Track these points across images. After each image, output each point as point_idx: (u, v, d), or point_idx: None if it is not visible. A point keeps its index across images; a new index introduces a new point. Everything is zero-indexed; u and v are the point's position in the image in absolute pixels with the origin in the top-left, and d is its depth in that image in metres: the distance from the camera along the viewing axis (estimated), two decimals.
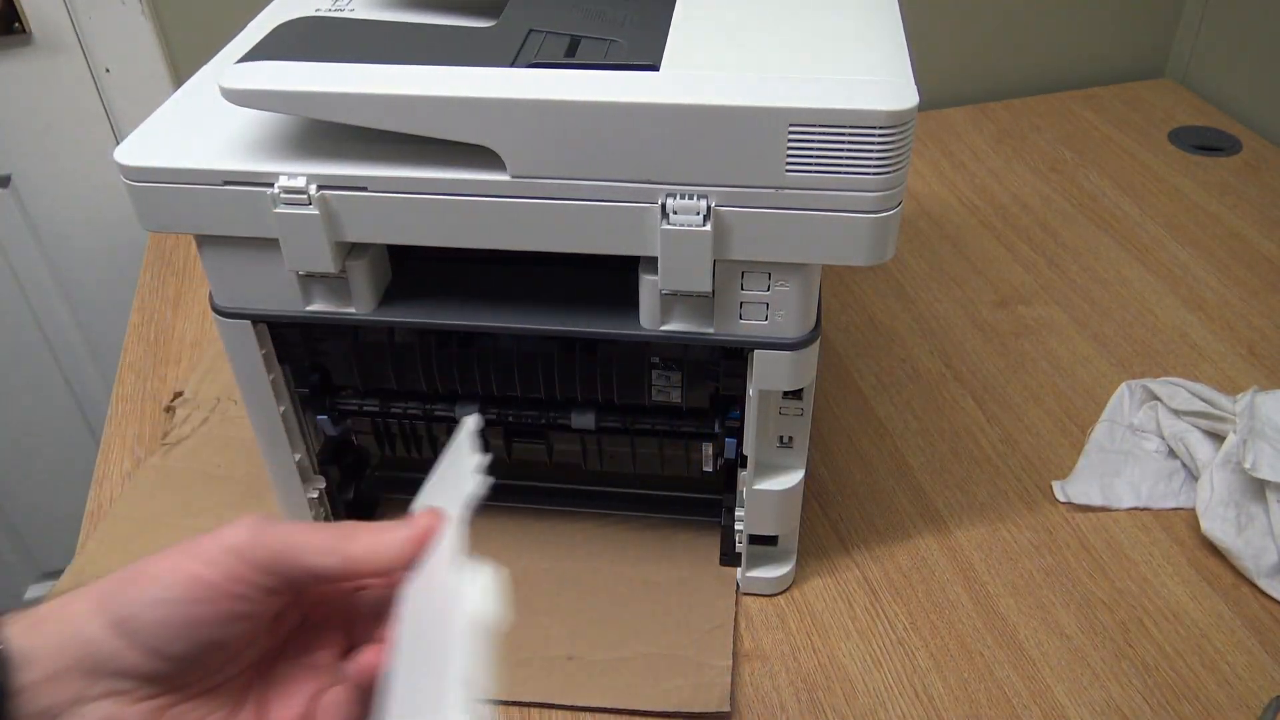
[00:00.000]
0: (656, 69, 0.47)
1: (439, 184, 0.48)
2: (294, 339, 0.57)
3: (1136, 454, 0.74)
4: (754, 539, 0.64)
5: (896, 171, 0.46)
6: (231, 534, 0.33)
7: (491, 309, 0.54)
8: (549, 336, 0.55)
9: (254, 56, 0.48)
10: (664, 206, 0.47)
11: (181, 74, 1.02)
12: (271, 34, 0.51)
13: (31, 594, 1.34)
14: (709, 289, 0.50)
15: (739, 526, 0.63)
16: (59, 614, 0.32)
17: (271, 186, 0.48)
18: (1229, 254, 0.96)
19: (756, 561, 0.65)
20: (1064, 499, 0.72)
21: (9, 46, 0.96)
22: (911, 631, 0.64)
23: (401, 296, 0.55)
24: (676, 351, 0.56)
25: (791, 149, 0.45)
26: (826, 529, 0.70)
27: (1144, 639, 0.63)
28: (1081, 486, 0.72)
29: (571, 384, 0.58)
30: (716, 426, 0.59)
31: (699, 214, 0.47)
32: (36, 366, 1.15)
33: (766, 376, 0.54)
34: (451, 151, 0.47)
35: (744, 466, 0.60)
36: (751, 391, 0.55)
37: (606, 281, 0.55)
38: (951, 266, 0.95)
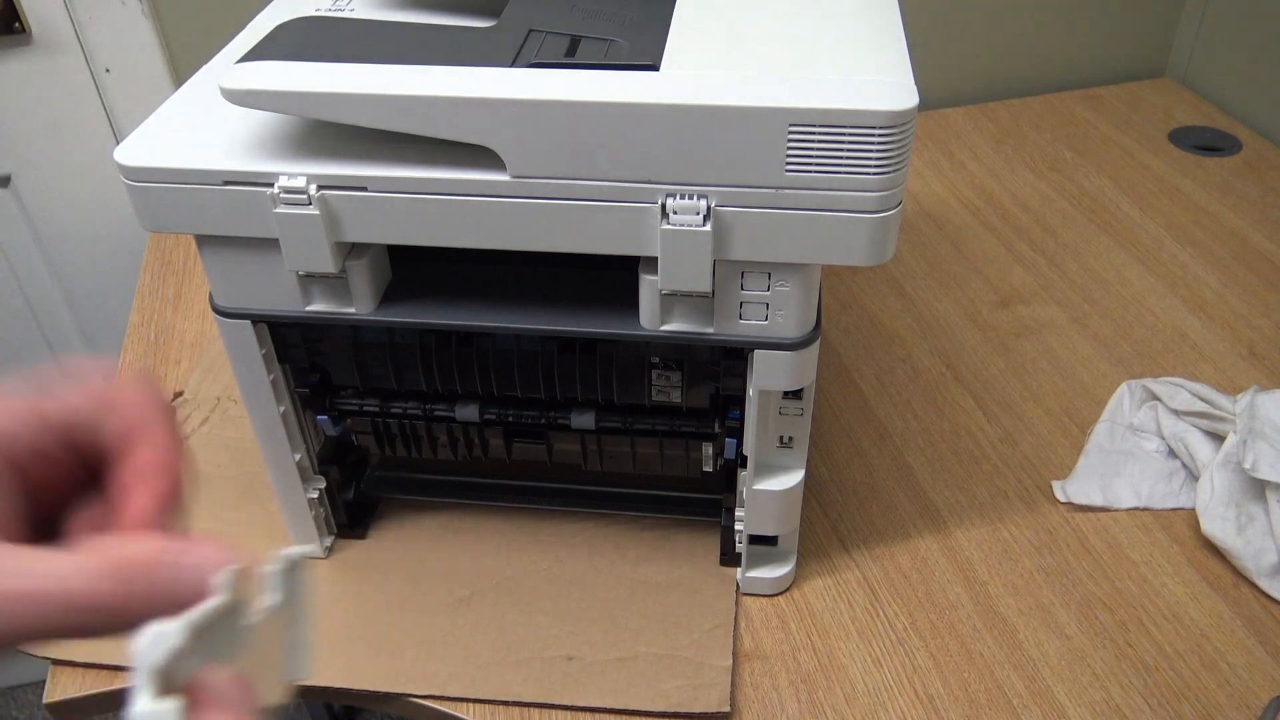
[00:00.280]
0: (656, 69, 0.47)
1: (439, 184, 0.48)
2: (294, 339, 0.57)
3: (1136, 454, 0.74)
4: (754, 539, 0.64)
5: (896, 171, 0.46)
6: None
7: (491, 309, 0.54)
8: (549, 336, 0.55)
9: (254, 56, 0.48)
10: (664, 206, 0.47)
11: (181, 74, 1.02)
12: (271, 34, 0.51)
13: None
14: (709, 289, 0.50)
15: (739, 526, 0.63)
16: None
17: (271, 186, 0.48)
18: (1229, 254, 0.96)
19: (756, 561, 0.65)
20: (1064, 499, 0.72)
21: (9, 46, 0.96)
22: (911, 631, 0.64)
23: (401, 296, 0.55)
24: (676, 351, 0.56)
25: (791, 149, 0.45)
26: (826, 529, 0.70)
27: (1144, 639, 0.63)
28: (1081, 486, 0.72)
29: (571, 384, 0.58)
30: (716, 426, 0.60)
31: (699, 214, 0.47)
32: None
33: (766, 376, 0.54)
34: (451, 151, 0.47)
35: (744, 466, 0.60)
36: (751, 391, 0.55)
37: (606, 281, 0.55)
38: (951, 266, 0.95)
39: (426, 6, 0.58)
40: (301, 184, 0.48)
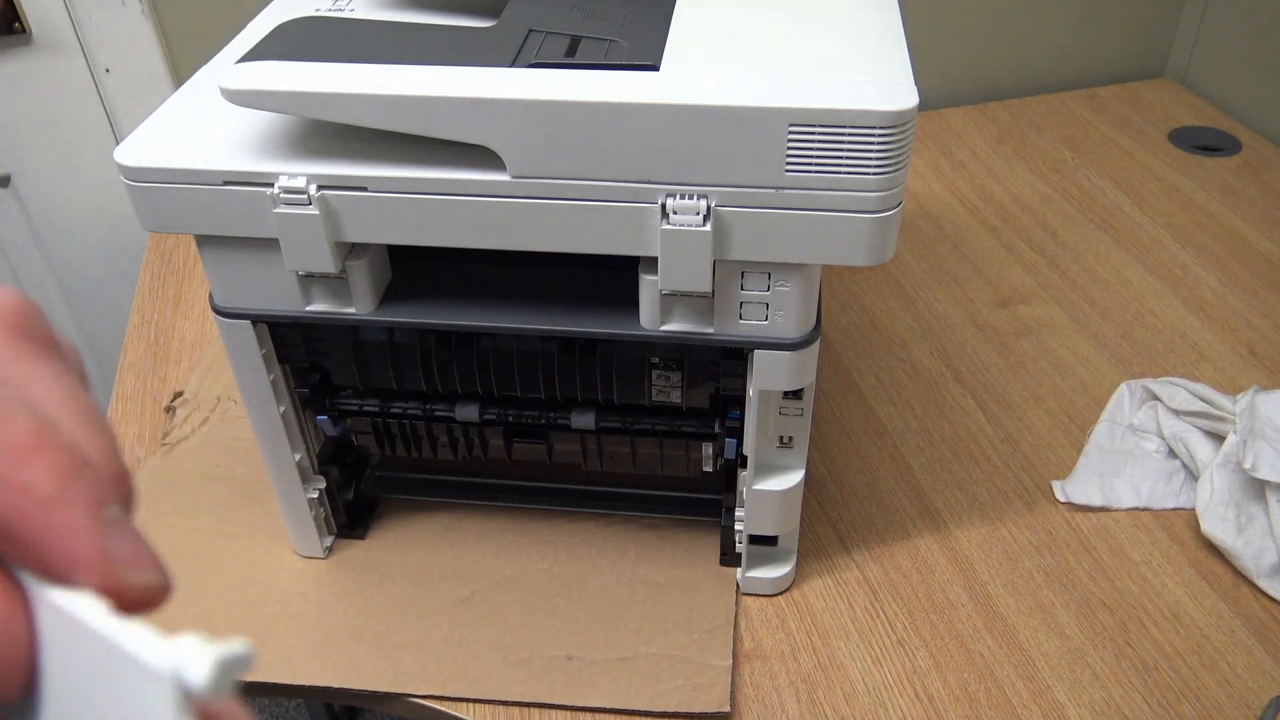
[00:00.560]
0: (656, 69, 0.47)
1: (439, 184, 0.48)
2: (294, 339, 0.57)
3: (1136, 454, 0.74)
4: (754, 539, 0.64)
5: (896, 172, 0.46)
6: None
7: (491, 309, 0.54)
8: (549, 336, 0.55)
9: (254, 56, 0.48)
10: (664, 206, 0.47)
11: (181, 74, 1.02)
12: (271, 34, 0.51)
13: None
14: (709, 289, 0.50)
15: (739, 526, 0.63)
16: None
17: (271, 186, 0.48)
18: (1229, 254, 0.96)
19: (756, 561, 0.65)
20: (1064, 499, 0.72)
21: (9, 46, 0.96)
22: (911, 631, 0.64)
23: (401, 296, 0.55)
24: (676, 351, 0.56)
25: (791, 149, 0.45)
26: (826, 529, 0.70)
27: (1144, 639, 0.63)
28: (1081, 486, 0.72)
29: (571, 384, 0.58)
30: (716, 426, 0.60)
31: (699, 214, 0.47)
32: None
33: (766, 376, 0.54)
34: (451, 151, 0.47)
35: (744, 466, 0.60)
36: (751, 391, 0.55)
37: (606, 281, 0.55)
38: (951, 266, 0.95)
39: (426, 6, 0.58)
40: (301, 184, 0.48)
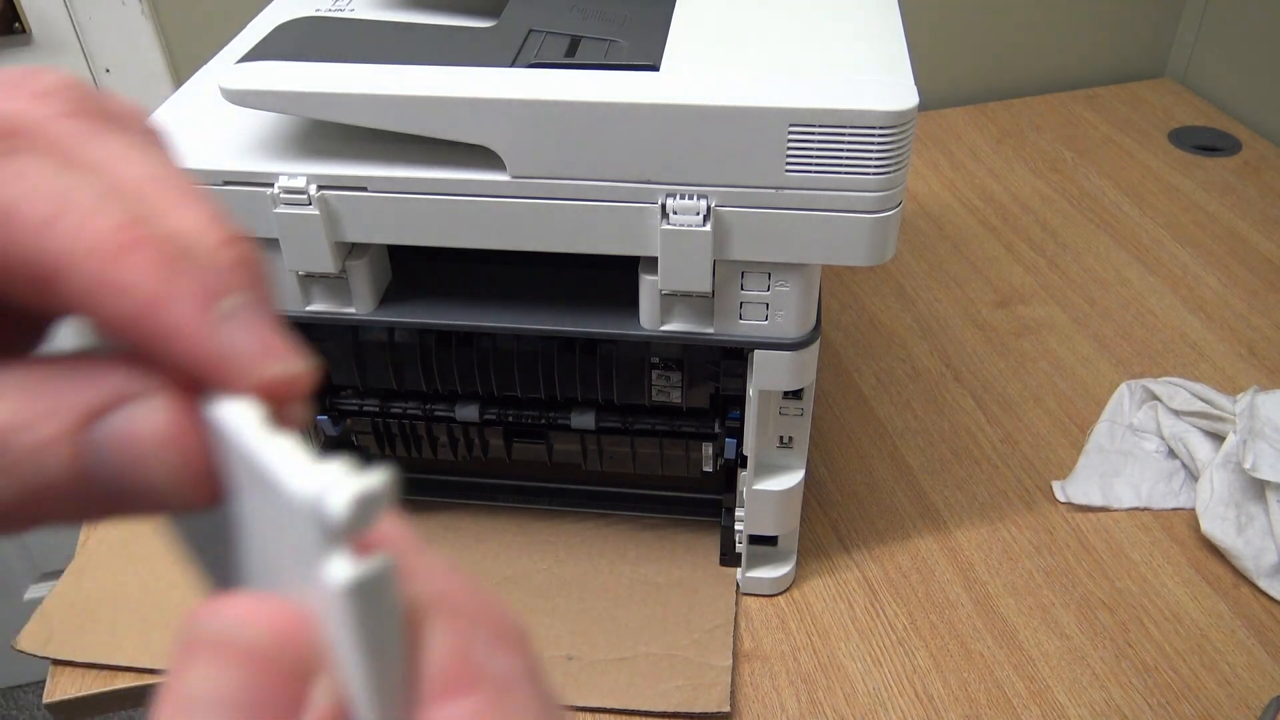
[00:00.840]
0: (656, 69, 0.47)
1: (439, 184, 0.48)
2: (293, 339, 0.57)
3: (1136, 454, 0.74)
4: (754, 539, 0.64)
5: (896, 171, 0.46)
6: None
7: (491, 309, 0.54)
8: (549, 336, 0.55)
9: (254, 56, 0.48)
10: (664, 206, 0.47)
11: (181, 74, 1.02)
12: (271, 34, 0.51)
13: (31, 594, 1.34)
14: (709, 289, 0.50)
15: (739, 526, 0.63)
16: None
17: (271, 186, 0.48)
18: (1229, 254, 0.96)
19: (756, 561, 0.65)
20: (1064, 499, 0.72)
21: (9, 46, 0.96)
22: (911, 631, 0.64)
23: (401, 296, 0.55)
24: (676, 351, 0.56)
25: (791, 149, 0.45)
26: (826, 529, 0.70)
27: (1144, 639, 0.63)
28: (1081, 486, 0.72)
29: (571, 384, 0.58)
30: (716, 426, 0.60)
31: (699, 214, 0.47)
32: None
33: (766, 376, 0.54)
34: (451, 151, 0.47)
35: (744, 466, 0.60)
36: (751, 391, 0.55)
37: (606, 281, 0.55)
38: (951, 266, 0.95)
39: (426, 6, 0.58)
40: (301, 184, 0.48)
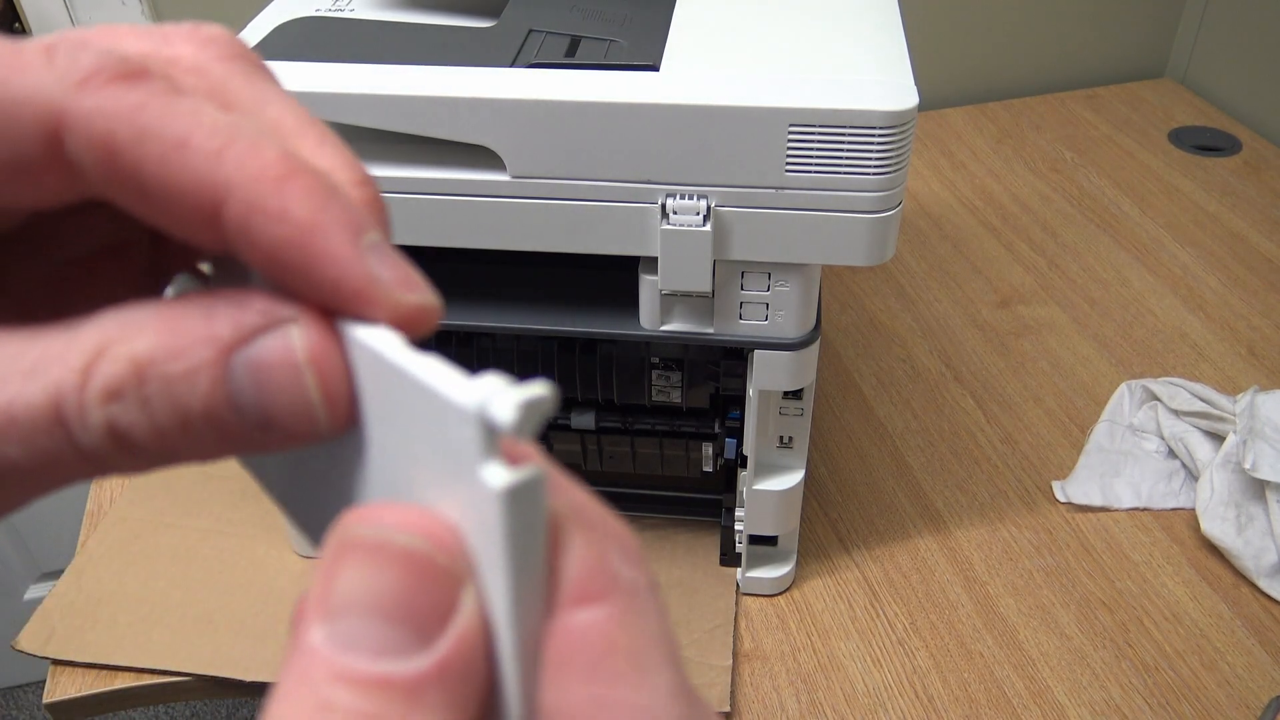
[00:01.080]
0: (656, 69, 0.47)
1: (439, 184, 0.48)
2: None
3: (1136, 454, 0.74)
4: (754, 539, 0.64)
5: (896, 171, 0.46)
6: None
7: (491, 309, 0.54)
8: (549, 336, 0.55)
9: None
10: (664, 206, 0.47)
11: None
12: (271, 34, 0.51)
13: (31, 594, 1.34)
14: (709, 289, 0.50)
15: (739, 526, 0.63)
16: None
17: None
18: (1229, 254, 0.96)
19: (756, 561, 0.65)
20: (1064, 499, 0.72)
21: None
22: (911, 631, 0.64)
23: None
24: (676, 351, 0.56)
25: (791, 149, 0.45)
26: (826, 529, 0.70)
27: (1144, 639, 0.63)
28: (1081, 486, 0.72)
29: (571, 384, 0.58)
30: (716, 426, 0.59)
31: (699, 214, 0.47)
32: None
33: (766, 376, 0.54)
34: (451, 151, 0.47)
35: (744, 466, 0.60)
36: (751, 391, 0.55)
37: (606, 281, 0.55)
38: (951, 266, 0.95)
39: (426, 6, 0.58)
40: None
